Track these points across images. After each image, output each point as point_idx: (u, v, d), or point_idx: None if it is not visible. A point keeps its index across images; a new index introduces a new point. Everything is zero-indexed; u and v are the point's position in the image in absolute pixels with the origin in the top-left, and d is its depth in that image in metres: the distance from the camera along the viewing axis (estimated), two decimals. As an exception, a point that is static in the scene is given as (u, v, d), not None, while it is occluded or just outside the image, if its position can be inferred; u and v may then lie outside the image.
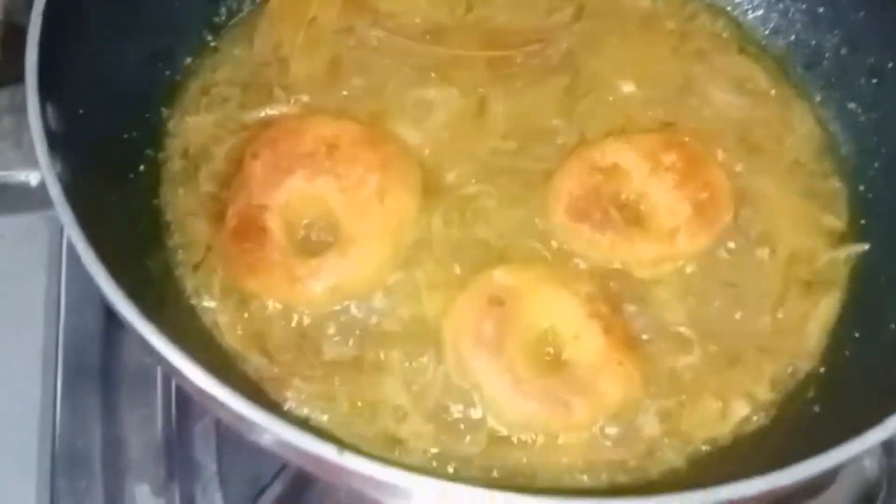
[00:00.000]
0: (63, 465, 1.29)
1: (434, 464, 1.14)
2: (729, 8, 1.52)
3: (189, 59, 1.40)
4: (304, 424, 1.13)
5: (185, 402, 1.36)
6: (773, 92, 1.45)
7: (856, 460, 1.09)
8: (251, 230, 1.22)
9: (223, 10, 1.45)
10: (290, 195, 1.24)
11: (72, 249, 1.28)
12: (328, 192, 1.24)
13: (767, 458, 1.10)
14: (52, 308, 1.34)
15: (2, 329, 1.34)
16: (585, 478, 1.14)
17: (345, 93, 1.37)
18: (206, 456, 1.33)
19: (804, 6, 1.47)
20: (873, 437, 0.98)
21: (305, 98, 1.35)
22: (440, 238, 1.26)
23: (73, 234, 1.00)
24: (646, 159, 1.30)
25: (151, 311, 1.01)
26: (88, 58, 1.19)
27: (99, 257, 1.00)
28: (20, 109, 1.06)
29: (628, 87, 1.40)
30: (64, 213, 1.01)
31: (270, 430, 0.95)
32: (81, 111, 1.15)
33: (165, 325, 1.00)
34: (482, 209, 1.29)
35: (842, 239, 1.32)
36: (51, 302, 1.35)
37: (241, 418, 0.97)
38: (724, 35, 1.50)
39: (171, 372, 1.02)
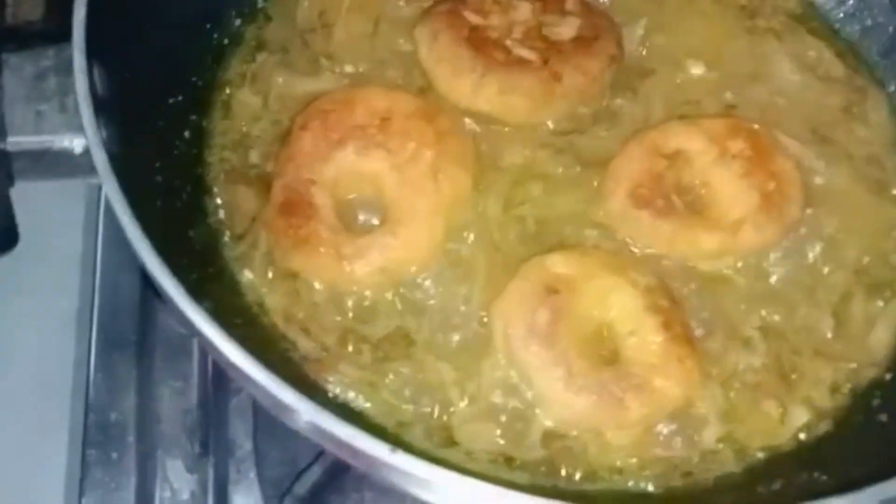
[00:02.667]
0: (95, 435, 1.26)
1: (480, 460, 1.09)
2: (805, -9, 1.45)
3: (238, 22, 1.35)
4: (345, 410, 1.09)
5: (222, 376, 1.32)
6: (846, 78, 1.38)
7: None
8: (298, 205, 1.17)
9: (276, -28, 1.39)
10: (339, 169, 1.19)
11: (109, 215, 1.26)
12: (380, 167, 1.19)
13: (830, 468, 1.06)
14: (88, 275, 1.30)
15: (38, 296, 1.31)
16: (636, 480, 1.10)
17: (393, 60, 1.31)
18: (242, 434, 1.30)
19: (882, -10, 1.40)
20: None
21: (350, 67, 1.30)
22: (494, 220, 1.21)
23: (118, 205, 0.96)
24: (712, 144, 1.24)
25: (192, 286, 0.97)
26: (138, 18, 1.15)
27: (142, 230, 0.96)
28: (66, 70, 1.02)
29: (697, 68, 1.34)
30: (108, 182, 0.97)
31: (307, 415, 0.91)
32: (128, 74, 1.11)
33: (206, 300, 0.96)
34: (538, 191, 1.24)
35: (915, 238, 1.26)
36: (87, 269, 1.31)
37: (279, 402, 0.93)
38: (798, 16, 1.43)
39: (211, 350, 0.98)
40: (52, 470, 1.25)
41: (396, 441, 0.98)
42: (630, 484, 1.09)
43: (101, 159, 0.98)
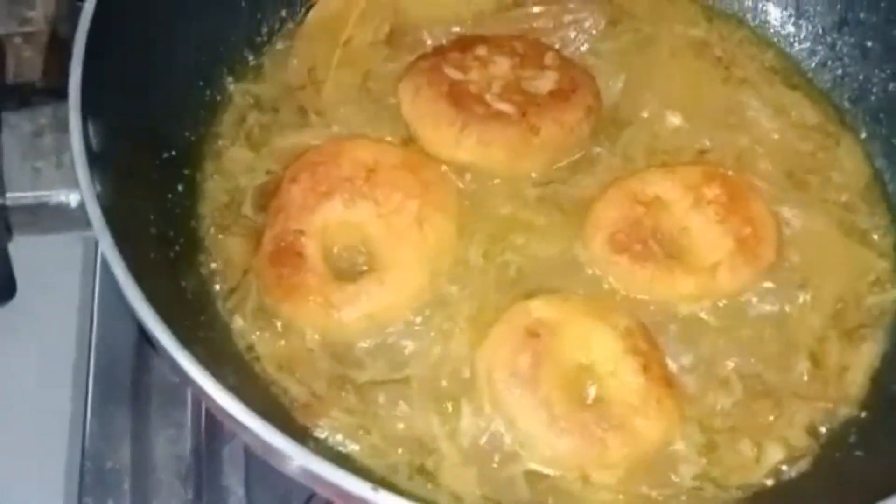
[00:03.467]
0: (91, 483, 1.27)
1: (467, 502, 1.12)
2: (776, 39, 1.51)
3: (230, 79, 1.39)
4: (334, 454, 1.12)
5: (215, 424, 1.34)
6: (819, 125, 1.43)
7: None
8: (288, 255, 1.21)
9: (265, 28, 1.44)
10: (327, 220, 1.23)
11: (106, 267, 1.28)
12: (366, 217, 1.23)
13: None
14: (85, 325, 1.33)
15: (35, 345, 1.34)
16: (620, 518, 1.12)
17: (380, 114, 1.36)
18: (234, 480, 1.32)
19: (852, 40, 1.45)
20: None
21: (338, 122, 1.34)
22: (477, 266, 1.25)
23: (112, 257, 0.99)
24: (688, 191, 1.28)
25: (184, 334, 1.00)
26: (132, 77, 1.19)
27: (135, 281, 1.00)
28: (62, 127, 1.06)
29: (674, 117, 1.39)
30: (103, 235, 1.00)
31: (301, 462, 0.94)
32: (123, 130, 1.15)
33: (198, 348, 0.99)
34: (521, 239, 1.27)
35: (887, 281, 1.30)
36: (84, 319, 1.34)
37: (272, 449, 0.96)
38: (771, 66, 1.48)
39: (203, 398, 1.01)
40: (49, 517, 1.27)
41: (383, 483, 1.00)
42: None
43: (95, 214, 1.02)
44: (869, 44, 1.43)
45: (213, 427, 1.34)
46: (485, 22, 1.44)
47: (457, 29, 1.44)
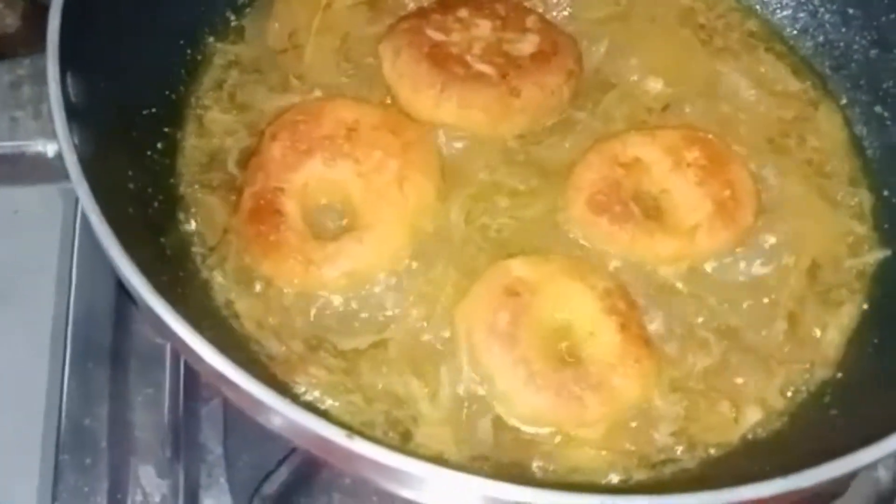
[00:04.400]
0: (68, 441, 1.28)
1: (447, 454, 1.12)
2: (758, 7, 1.51)
3: (211, 39, 1.39)
4: (311, 409, 1.11)
5: (193, 385, 1.35)
6: (799, 92, 1.43)
7: (870, 468, 1.08)
8: (267, 212, 1.20)
9: (248, -10, 1.43)
10: (307, 178, 1.23)
11: (86, 223, 1.28)
12: (346, 176, 1.23)
13: (781, 462, 1.08)
14: (64, 283, 1.33)
15: (12, 302, 1.33)
16: (598, 475, 1.13)
17: (361, 76, 1.35)
18: (212, 439, 1.32)
19: (834, 6, 1.46)
20: (889, 444, 0.96)
21: (320, 85, 1.34)
22: (458, 227, 1.25)
23: (88, 206, 0.99)
24: (668, 154, 1.28)
25: (164, 289, 0.99)
26: (111, 30, 1.18)
27: (113, 232, 0.99)
28: (40, 79, 1.05)
29: (656, 83, 1.39)
30: (80, 185, 1.00)
31: (280, 411, 0.94)
32: (102, 84, 1.14)
33: (178, 303, 0.99)
34: (502, 199, 1.28)
35: (864, 244, 1.30)
36: (62, 276, 1.34)
37: (251, 399, 0.96)
38: (754, 33, 1.49)
39: (182, 350, 1.01)
40: (26, 474, 1.27)
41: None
42: (590, 476, 1.12)
43: (72, 163, 1.01)
44: (851, 10, 1.44)
45: (191, 387, 1.35)
46: (469, -15, 1.44)
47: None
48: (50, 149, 1.08)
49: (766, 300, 1.25)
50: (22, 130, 1.09)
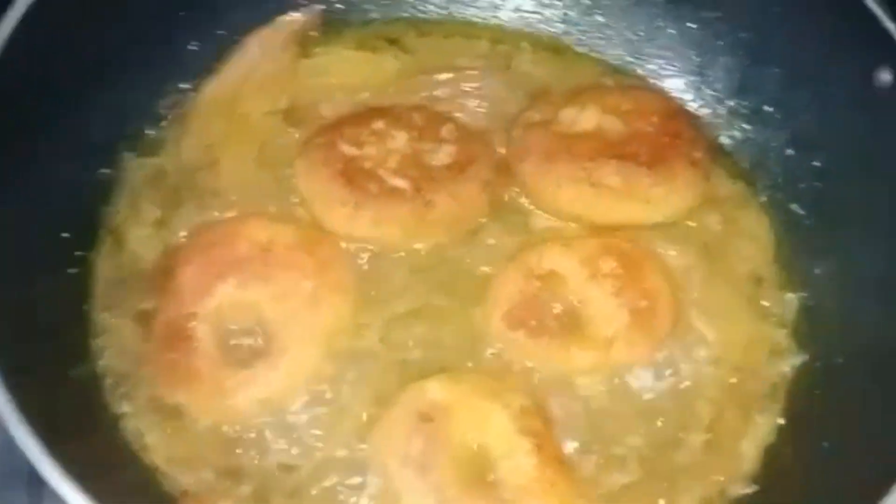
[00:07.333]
0: None
1: None
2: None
3: (127, 153, 1.37)
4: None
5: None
6: (730, 195, 1.42)
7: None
8: (179, 339, 1.20)
9: (165, 101, 1.42)
10: (220, 302, 1.22)
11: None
12: (261, 298, 1.22)
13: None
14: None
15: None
16: None
17: (279, 187, 1.34)
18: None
19: (750, 104, 1.45)
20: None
21: (237, 200, 1.33)
22: (375, 348, 1.24)
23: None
24: (584, 265, 1.28)
25: (65, 429, 0.99)
26: (23, 150, 1.18)
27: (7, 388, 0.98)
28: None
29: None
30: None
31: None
32: (12, 207, 1.14)
33: (79, 444, 0.98)
34: (418, 316, 1.27)
35: (785, 350, 1.30)
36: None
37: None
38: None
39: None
40: None
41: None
42: None
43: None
44: (767, 108, 1.44)
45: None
46: (387, 90, 1.44)
47: (361, 96, 1.43)
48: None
49: (684, 411, 1.24)
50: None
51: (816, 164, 1.37)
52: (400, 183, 1.29)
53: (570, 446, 1.20)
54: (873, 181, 1.29)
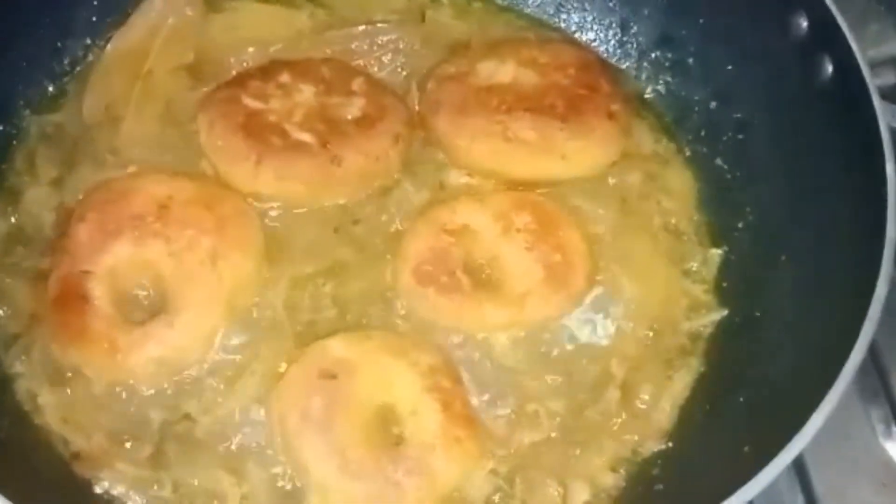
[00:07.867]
0: None
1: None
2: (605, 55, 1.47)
3: (27, 112, 1.33)
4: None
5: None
6: (652, 152, 1.39)
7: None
8: (73, 298, 1.15)
9: (67, 58, 1.37)
10: (116, 260, 1.17)
11: None
12: (157, 256, 1.18)
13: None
14: None
15: None
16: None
17: (183, 145, 1.30)
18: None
19: (673, 56, 1.42)
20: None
21: (138, 157, 1.28)
22: (281, 306, 1.20)
23: None
24: (498, 220, 1.24)
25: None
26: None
27: None
28: None
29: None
30: None
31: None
32: None
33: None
34: (325, 274, 1.23)
35: (703, 306, 1.27)
36: None
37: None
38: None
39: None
40: None
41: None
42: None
43: None
44: (690, 61, 1.41)
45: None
46: (300, 44, 1.39)
47: (273, 49, 1.38)
48: None
49: (599, 369, 1.21)
50: None
51: (738, 115, 1.34)
52: (305, 137, 1.25)
53: (480, 404, 1.17)
54: (793, 131, 1.26)
